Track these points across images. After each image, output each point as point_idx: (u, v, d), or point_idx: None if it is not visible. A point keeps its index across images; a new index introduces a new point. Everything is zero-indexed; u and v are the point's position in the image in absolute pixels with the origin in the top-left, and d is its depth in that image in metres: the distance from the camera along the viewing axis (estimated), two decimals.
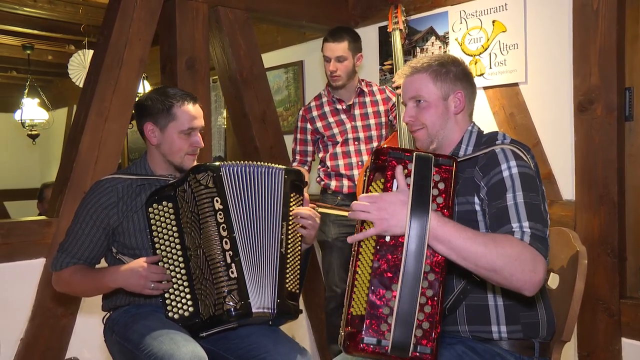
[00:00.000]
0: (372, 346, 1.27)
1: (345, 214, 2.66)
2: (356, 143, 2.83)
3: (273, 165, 1.83)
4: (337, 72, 2.76)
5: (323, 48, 2.79)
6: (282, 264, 1.77)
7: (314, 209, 1.84)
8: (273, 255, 1.76)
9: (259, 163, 1.81)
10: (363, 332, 1.28)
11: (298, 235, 1.84)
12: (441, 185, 1.34)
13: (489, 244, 1.28)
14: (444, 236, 1.28)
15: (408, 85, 1.62)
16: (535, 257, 1.29)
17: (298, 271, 1.83)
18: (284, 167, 1.84)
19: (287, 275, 1.78)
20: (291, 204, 1.83)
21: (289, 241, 1.81)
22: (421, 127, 1.60)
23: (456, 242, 1.28)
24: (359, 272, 1.34)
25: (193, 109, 1.87)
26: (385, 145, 1.35)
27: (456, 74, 1.59)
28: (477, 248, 1.27)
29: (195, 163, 1.89)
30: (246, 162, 1.81)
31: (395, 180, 1.35)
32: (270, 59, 3.99)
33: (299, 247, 1.85)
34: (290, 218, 1.82)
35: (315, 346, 3.39)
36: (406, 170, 1.34)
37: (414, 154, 1.36)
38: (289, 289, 1.78)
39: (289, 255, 1.80)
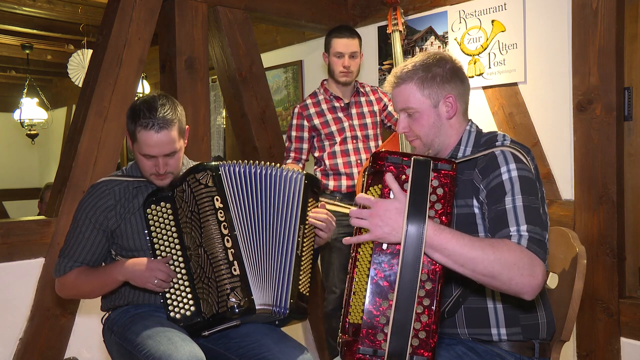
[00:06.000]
0: (368, 356, 1.27)
1: (346, 211, 2.66)
2: (354, 141, 2.82)
3: (293, 169, 1.85)
4: (350, 68, 2.77)
5: (333, 44, 2.76)
6: (297, 266, 1.78)
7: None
8: (288, 255, 1.78)
9: (274, 164, 1.82)
10: (359, 342, 1.27)
11: (313, 238, 1.88)
12: (440, 191, 1.31)
13: (486, 249, 1.27)
14: (440, 244, 1.26)
15: (396, 96, 1.57)
16: (534, 261, 1.28)
17: (310, 274, 1.85)
18: (305, 172, 1.87)
19: (301, 277, 1.80)
20: (309, 208, 1.85)
21: (305, 244, 1.83)
22: (416, 138, 1.58)
23: (453, 250, 1.26)
24: (357, 279, 1.33)
25: (155, 137, 1.72)
26: (384, 149, 1.30)
27: (443, 76, 1.53)
28: (475, 254, 1.26)
29: (164, 183, 1.82)
30: (263, 163, 1.81)
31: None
32: (269, 58, 3.99)
33: (312, 251, 1.88)
34: (307, 221, 1.84)
35: (315, 346, 3.39)
36: (404, 176, 1.30)
37: (412, 158, 1.31)
38: (301, 290, 1.80)
39: (303, 258, 1.81)
